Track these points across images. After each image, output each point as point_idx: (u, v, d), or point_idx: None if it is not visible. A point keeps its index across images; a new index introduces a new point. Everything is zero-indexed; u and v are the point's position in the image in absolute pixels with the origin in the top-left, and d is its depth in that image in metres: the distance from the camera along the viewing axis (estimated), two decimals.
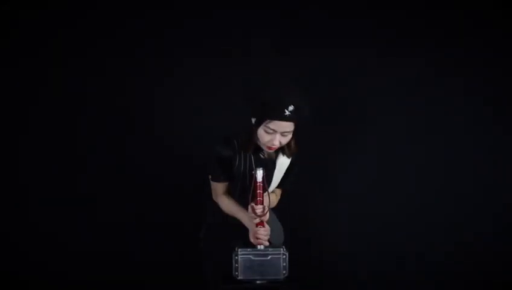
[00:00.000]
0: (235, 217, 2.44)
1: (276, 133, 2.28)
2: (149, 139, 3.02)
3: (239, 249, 2.25)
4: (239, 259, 2.24)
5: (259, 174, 2.33)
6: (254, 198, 2.33)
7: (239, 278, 2.24)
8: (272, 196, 2.53)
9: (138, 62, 3.00)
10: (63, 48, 2.97)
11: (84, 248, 3.00)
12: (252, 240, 2.32)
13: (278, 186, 2.55)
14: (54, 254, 2.99)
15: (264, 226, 2.31)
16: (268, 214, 2.34)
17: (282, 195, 2.60)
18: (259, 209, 2.31)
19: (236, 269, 2.24)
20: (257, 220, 2.32)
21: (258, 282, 2.25)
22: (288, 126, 2.27)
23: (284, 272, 2.24)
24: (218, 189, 2.48)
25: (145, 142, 3.01)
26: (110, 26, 2.99)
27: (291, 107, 2.21)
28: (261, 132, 2.30)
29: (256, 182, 2.33)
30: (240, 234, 2.39)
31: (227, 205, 2.47)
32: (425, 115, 3.02)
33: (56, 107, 2.99)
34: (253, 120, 2.33)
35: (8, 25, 2.95)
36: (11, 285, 2.97)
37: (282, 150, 2.43)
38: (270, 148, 2.34)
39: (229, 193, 2.49)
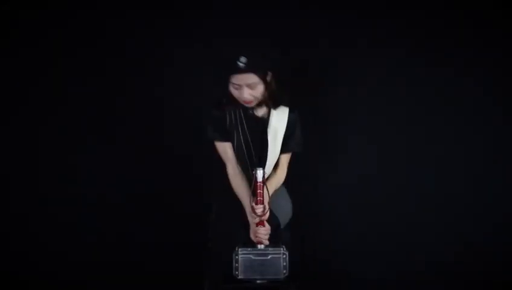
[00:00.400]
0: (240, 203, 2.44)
1: (242, 87, 2.30)
2: (149, 139, 3.02)
3: (239, 249, 2.26)
4: (239, 258, 2.25)
5: (260, 174, 2.34)
6: (254, 197, 2.33)
7: (239, 277, 2.24)
8: (279, 173, 2.52)
9: (138, 62, 3.00)
10: (62, 48, 2.98)
11: (83, 248, 3.00)
12: (252, 237, 2.33)
13: (282, 152, 2.51)
14: (53, 255, 2.99)
15: (264, 226, 2.31)
16: (268, 213, 2.34)
17: (290, 162, 2.57)
18: (259, 209, 2.31)
19: (237, 269, 2.24)
20: (257, 220, 2.32)
21: (258, 282, 2.25)
22: (249, 78, 2.28)
23: (285, 271, 2.24)
24: (227, 153, 2.47)
25: (146, 142, 3.02)
26: (109, 26, 2.99)
27: (243, 58, 2.24)
28: (231, 89, 2.34)
29: (256, 182, 2.33)
30: (243, 234, 2.40)
31: (239, 182, 2.45)
32: (425, 115, 3.02)
33: (56, 107, 3.00)
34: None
35: (8, 24, 2.95)
36: (11, 285, 2.97)
37: (266, 104, 2.44)
38: (245, 102, 2.35)
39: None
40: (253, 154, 2.48)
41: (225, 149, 2.48)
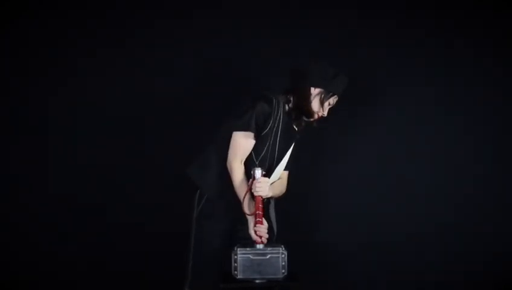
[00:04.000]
0: (236, 195, 2.42)
1: (330, 106, 2.49)
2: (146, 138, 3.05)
3: (238, 249, 2.25)
4: (238, 258, 2.24)
5: (258, 173, 2.34)
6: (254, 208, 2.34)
7: (238, 277, 2.23)
8: (280, 185, 2.54)
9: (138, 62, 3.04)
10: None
11: (81, 247, 3.02)
12: (251, 234, 2.32)
13: (287, 169, 2.56)
14: (51, 256, 3.01)
15: (262, 224, 2.31)
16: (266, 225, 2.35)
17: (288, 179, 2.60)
18: (263, 229, 2.31)
19: (236, 269, 2.24)
20: (253, 233, 2.32)
21: (257, 281, 2.24)
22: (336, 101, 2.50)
23: (283, 271, 2.24)
24: (246, 148, 2.42)
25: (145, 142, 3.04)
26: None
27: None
28: (326, 103, 2.45)
29: (255, 180, 2.34)
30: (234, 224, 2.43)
31: (241, 176, 2.40)
32: (424, 114, 3.02)
33: (54, 106, 3.03)
34: (316, 90, 2.43)
35: None
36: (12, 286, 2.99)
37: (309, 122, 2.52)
38: (320, 117, 2.48)
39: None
40: (274, 160, 2.49)
41: (248, 143, 2.42)
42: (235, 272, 2.24)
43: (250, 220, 2.35)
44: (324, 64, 2.46)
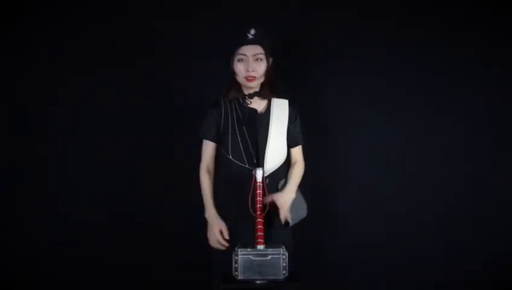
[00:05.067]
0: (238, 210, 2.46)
1: (248, 59, 2.42)
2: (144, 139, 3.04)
3: (239, 249, 2.25)
4: (239, 259, 2.24)
5: (259, 174, 2.34)
6: (254, 198, 2.34)
7: (239, 278, 2.24)
8: (297, 167, 2.58)
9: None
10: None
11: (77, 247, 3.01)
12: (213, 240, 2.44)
13: (291, 146, 2.57)
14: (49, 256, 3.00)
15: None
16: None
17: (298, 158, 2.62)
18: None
19: (236, 269, 2.24)
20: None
21: (258, 282, 2.25)
22: (256, 48, 2.45)
23: (284, 272, 2.24)
24: (205, 152, 2.54)
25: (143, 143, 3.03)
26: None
27: (252, 30, 2.44)
28: (236, 65, 2.46)
29: (255, 182, 2.34)
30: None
31: (208, 185, 2.52)
32: (424, 114, 3.02)
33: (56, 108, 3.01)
34: (231, 62, 2.47)
35: None
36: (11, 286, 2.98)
37: (262, 92, 2.51)
38: (248, 78, 2.44)
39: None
40: (251, 151, 2.49)
41: (206, 148, 2.56)
42: (236, 273, 2.24)
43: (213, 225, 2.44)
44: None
